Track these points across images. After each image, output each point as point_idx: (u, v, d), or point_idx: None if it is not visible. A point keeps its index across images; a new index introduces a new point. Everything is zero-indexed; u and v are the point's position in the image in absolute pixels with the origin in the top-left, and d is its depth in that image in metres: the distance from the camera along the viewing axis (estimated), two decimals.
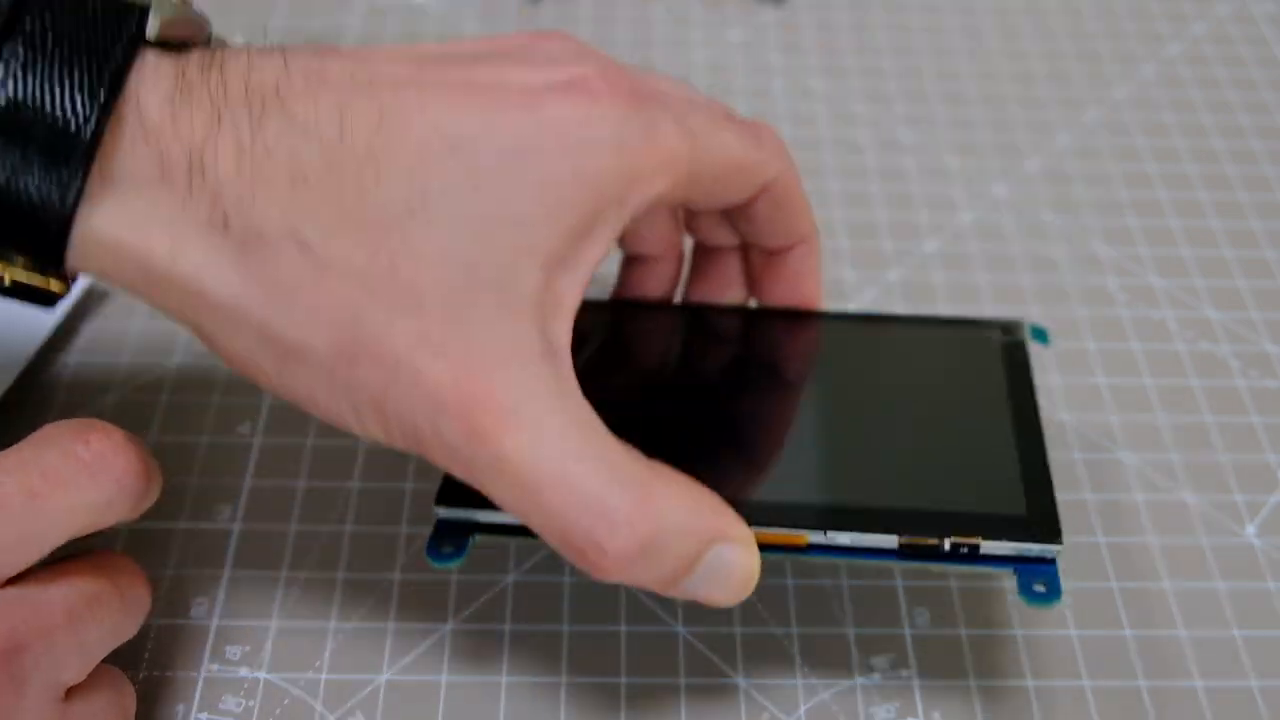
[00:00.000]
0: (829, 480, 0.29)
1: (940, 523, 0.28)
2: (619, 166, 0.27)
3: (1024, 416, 0.31)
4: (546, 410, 0.26)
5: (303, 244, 0.25)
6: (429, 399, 0.25)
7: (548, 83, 0.27)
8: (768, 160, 0.31)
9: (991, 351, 0.34)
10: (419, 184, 0.25)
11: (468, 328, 0.25)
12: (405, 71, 0.27)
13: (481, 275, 0.25)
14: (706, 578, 0.27)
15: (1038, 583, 0.28)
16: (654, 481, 0.26)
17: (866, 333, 0.35)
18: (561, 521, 0.25)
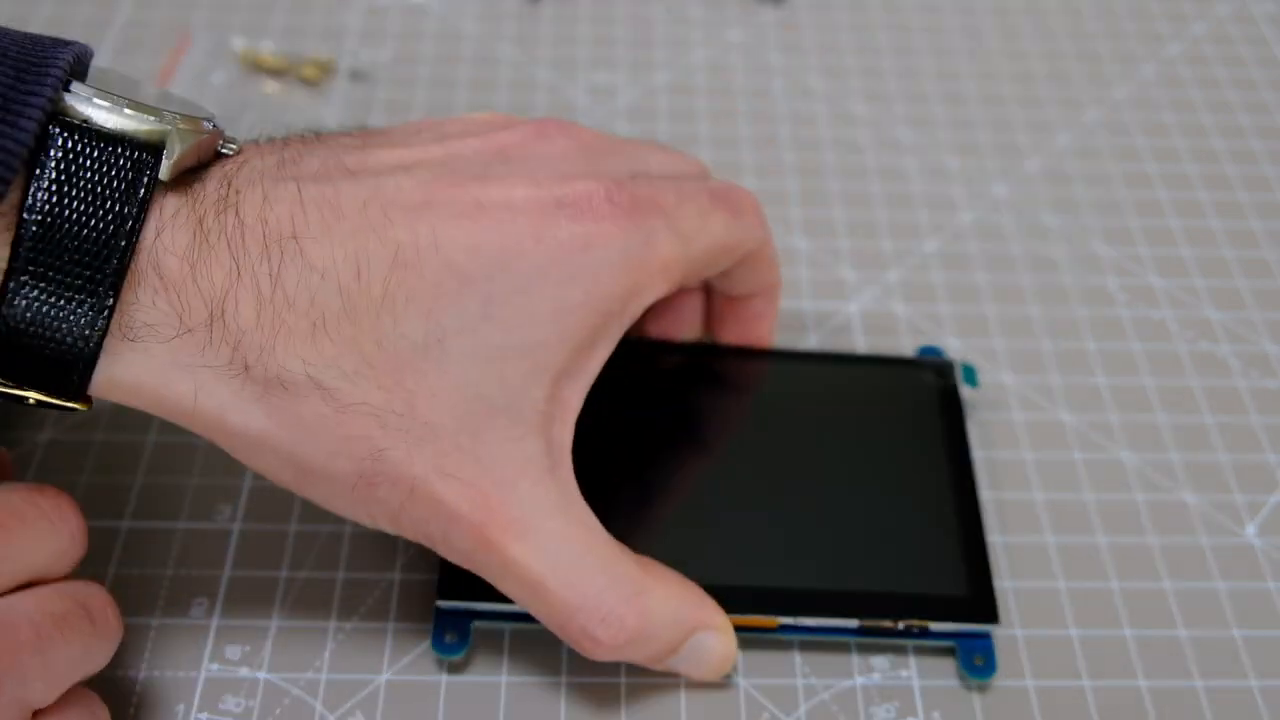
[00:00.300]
0: (793, 562, 0.32)
1: (894, 605, 0.31)
2: (624, 285, 0.29)
3: (961, 479, 0.34)
4: (550, 519, 0.28)
5: (323, 387, 0.26)
6: (442, 515, 0.27)
7: (556, 201, 0.28)
8: (749, 235, 0.32)
9: (928, 399, 0.36)
10: (433, 322, 0.27)
11: (479, 450, 0.27)
12: (417, 194, 0.27)
13: (493, 402, 0.27)
14: (688, 659, 0.30)
15: (977, 657, 0.31)
16: (644, 579, 0.29)
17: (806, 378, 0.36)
18: (562, 617, 0.28)
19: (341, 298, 0.26)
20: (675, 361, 0.36)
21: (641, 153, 0.32)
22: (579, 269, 0.28)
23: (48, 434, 0.36)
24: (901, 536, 0.33)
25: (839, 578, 0.32)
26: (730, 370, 0.36)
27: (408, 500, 0.27)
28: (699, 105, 0.48)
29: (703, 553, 0.32)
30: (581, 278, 0.28)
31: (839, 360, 0.37)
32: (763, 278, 0.35)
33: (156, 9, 0.50)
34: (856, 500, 0.33)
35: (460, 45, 0.50)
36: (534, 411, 0.28)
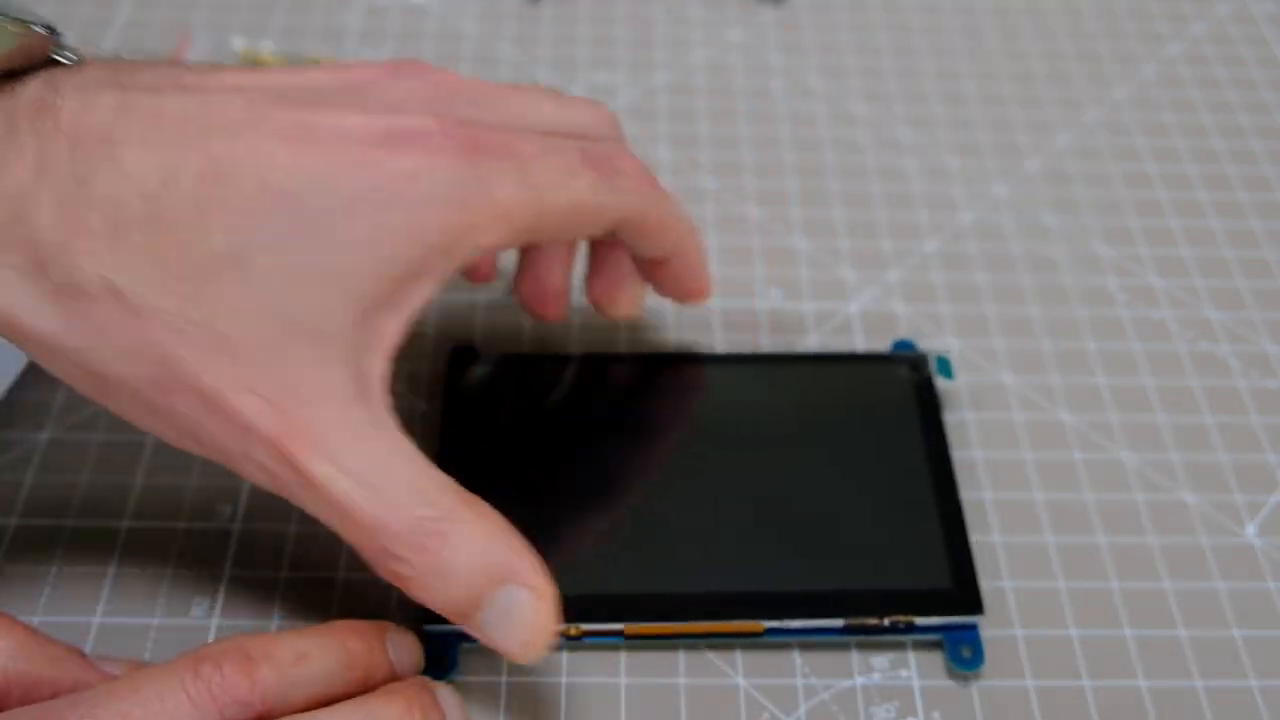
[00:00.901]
0: (776, 565, 0.32)
1: (878, 602, 0.31)
2: (450, 222, 0.28)
3: (940, 472, 0.34)
4: (355, 441, 0.27)
5: (118, 292, 0.25)
6: (240, 430, 0.26)
7: (387, 132, 0.27)
8: (623, 201, 0.31)
9: (905, 393, 0.36)
10: (241, 237, 0.26)
11: (281, 370, 0.26)
12: (243, 114, 0.27)
13: (297, 322, 0.26)
14: (497, 617, 0.27)
15: (964, 648, 0.32)
16: (458, 513, 0.27)
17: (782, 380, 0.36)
18: (364, 538, 0.27)
19: (146, 204, 0.25)
20: (649, 371, 0.37)
21: (520, 101, 0.31)
22: (400, 197, 0.27)
23: (47, 434, 0.36)
24: (883, 532, 0.33)
25: (822, 578, 0.32)
26: (706, 377, 0.37)
27: (205, 414, 0.26)
28: (699, 105, 0.48)
29: (684, 560, 0.32)
30: (402, 206, 0.27)
31: (813, 360, 0.37)
32: (660, 243, 0.33)
33: (156, 9, 0.50)
34: (836, 499, 0.33)
35: (460, 45, 0.50)
36: (342, 338, 0.27)
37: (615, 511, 0.33)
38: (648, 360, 0.37)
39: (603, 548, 0.32)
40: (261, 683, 0.26)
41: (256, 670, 0.26)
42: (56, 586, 0.32)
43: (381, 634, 0.29)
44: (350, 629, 0.28)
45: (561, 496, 0.33)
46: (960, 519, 0.33)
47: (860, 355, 0.37)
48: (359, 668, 0.28)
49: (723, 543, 0.32)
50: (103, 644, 0.31)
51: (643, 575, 0.32)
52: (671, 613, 0.31)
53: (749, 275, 0.41)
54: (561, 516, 0.33)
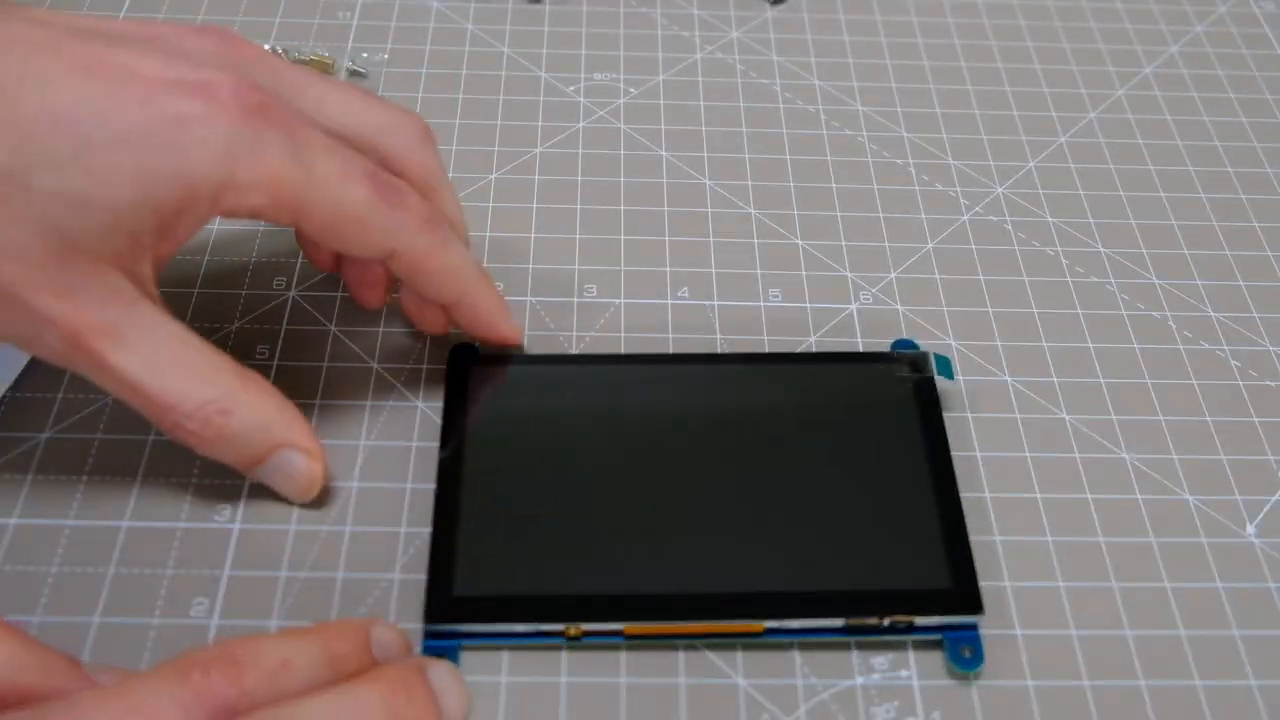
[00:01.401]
0: (776, 565, 0.32)
1: (878, 602, 0.32)
2: (217, 172, 0.29)
3: (940, 471, 0.34)
4: (143, 331, 0.30)
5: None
6: (35, 320, 0.29)
7: (178, 79, 0.29)
8: (394, 230, 0.32)
9: (904, 392, 0.36)
10: (21, 153, 0.28)
11: (69, 276, 0.29)
12: (45, 38, 0.28)
13: (74, 241, 0.28)
14: (274, 472, 0.33)
15: (964, 648, 0.32)
16: (236, 389, 0.31)
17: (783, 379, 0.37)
18: (156, 414, 0.30)
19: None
20: (649, 372, 0.37)
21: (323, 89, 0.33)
22: (173, 140, 0.29)
23: (47, 433, 0.36)
24: (883, 532, 0.33)
25: (822, 578, 0.32)
26: (706, 377, 0.37)
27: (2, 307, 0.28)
28: (699, 105, 0.48)
29: (685, 560, 0.32)
30: (174, 150, 0.29)
31: (813, 360, 0.37)
32: (439, 289, 0.34)
33: (157, 9, 0.50)
34: (837, 499, 0.33)
35: (460, 45, 0.50)
36: (116, 256, 0.29)
37: (615, 511, 0.33)
38: (647, 360, 0.37)
39: (602, 548, 0.32)
40: (249, 689, 0.26)
41: (244, 676, 0.26)
42: (56, 586, 0.32)
43: (366, 632, 0.29)
44: (335, 631, 0.28)
45: (561, 496, 0.33)
46: (960, 519, 0.33)
47: (860, 355, 0.37)
48: (345, 669, 0.28)
49: (723, 543, 0.32)
50: (103, 644, 0.31)
51: (643, 575, 0.32)
52: (671, 613, 0.31)
53: (749, 275, 0.41)
54: (561, 516, 0.33)
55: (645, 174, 0.45)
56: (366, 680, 0.27)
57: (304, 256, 0.39)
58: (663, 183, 0.44)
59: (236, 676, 0.26)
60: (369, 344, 0.38)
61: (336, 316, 0.39)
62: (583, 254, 0.41)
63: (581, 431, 0.35)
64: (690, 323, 0.40)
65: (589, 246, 0.42)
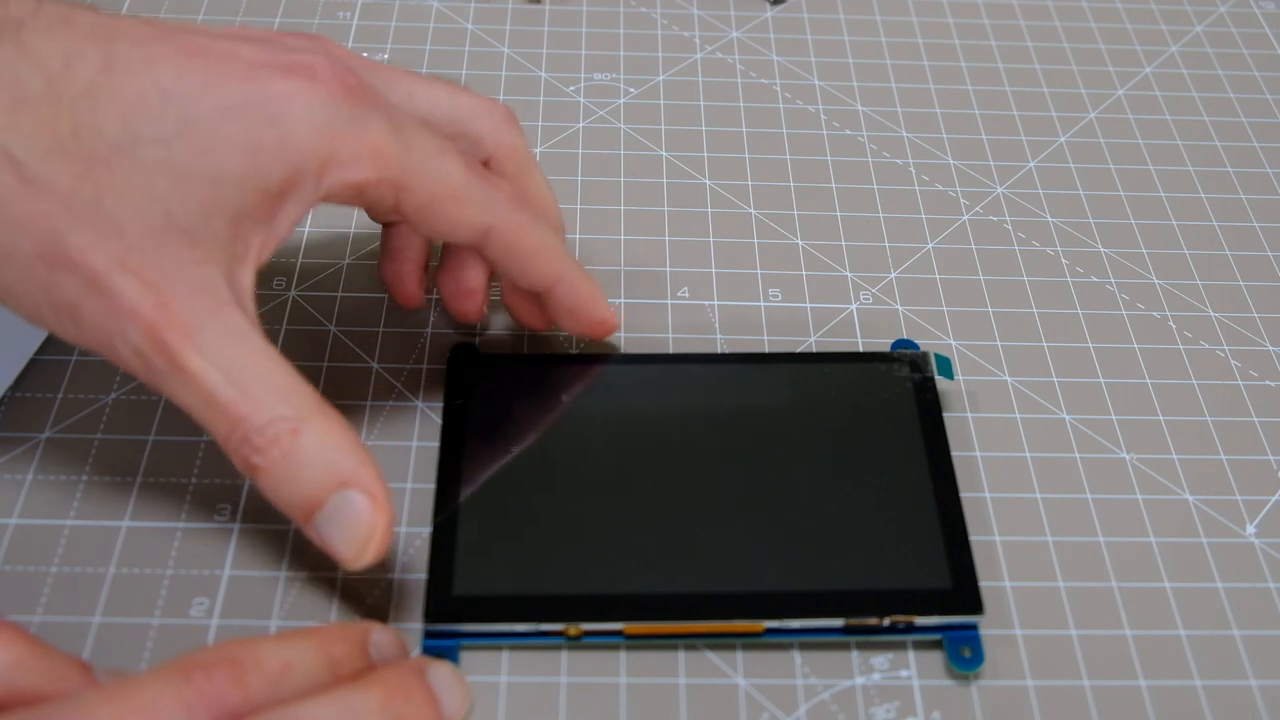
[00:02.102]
0: (776, 565, 0.32)
1: (878, 602, 0.32)
2: (320, 146, 0.29)
3: (941, 471, 0.34)
4: (226, 339, 0.28)
5: (13, 160, 0.27)
6: (121, 312, 0.27)
7: (277, 60, 0.29)
8: (489, 204, 0.32)
9: (904, 392, 0.36)
10: (130, 126, 0.27)
11: (162, 261, 0.28)
12: (147, 31, 0.29)
13: (177, 219, 0.28)
14: (333, 518, 0.29)
15: (963, 648, 0.32)
16: (313, 416, 0.29)
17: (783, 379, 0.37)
18: (226, 429, 0.28)
19: (46, 82, 0.27)
20: (649, 372, 0.37)
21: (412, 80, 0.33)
22: (279, 114, 0.29)
23: (47, 433, 0.36)
24: (883, 532, 0.33)
25: (822, 578, 0.32)
26: (706, 377, 0.37)
27: (87, 291, 0.27)
28: (699, 105, 0.48)
29: (685, 560, 0.32)
30: (279, 122, 0.29)
31: (813, 360, 0.37)
32: (535, 271, 0.34)
33: (156, 9, 0.50)
34: (837, 499, 0.33)
35: (460, 45, 0.50)
36: (214, 242, 0.28)
37: (615, 511, 0.33)
38: (647, 360, 0.37)
39: (603, 547, 0.32)
40: (252, 692, 0.26)
41: (247, 679, 0.26)
42: (56, 586, 0.32)
43: (364, 636, 0.29)
44: (334, 635, 0.28)
45: (561, 496, 0.33)
46: (960, 519, 0.33)
47: (860, 355, 0.37)
48: (344, 671, 0.28)
49: (723, 542, 0.32)
50: (103, 644, 0.31)
51: (643, 575, 0.32)
52: (671, 613, 0.31)
53: (749, 275, 0.41)
54: (561, 516, 0.33)
55: (645, 174, 0.45)
56: (366, 683, 0.27)
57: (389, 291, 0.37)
58: (663, 183, 0.44)
59: (240, 679, 0.26)
60: (369, 344, 0.38)
61: (336, 316, 0.39)
62: (582, 254, 0.41)
63: (581, 431, 0.35)
64: (690, 323, 0.40)
65: (589, 246, 0.42)
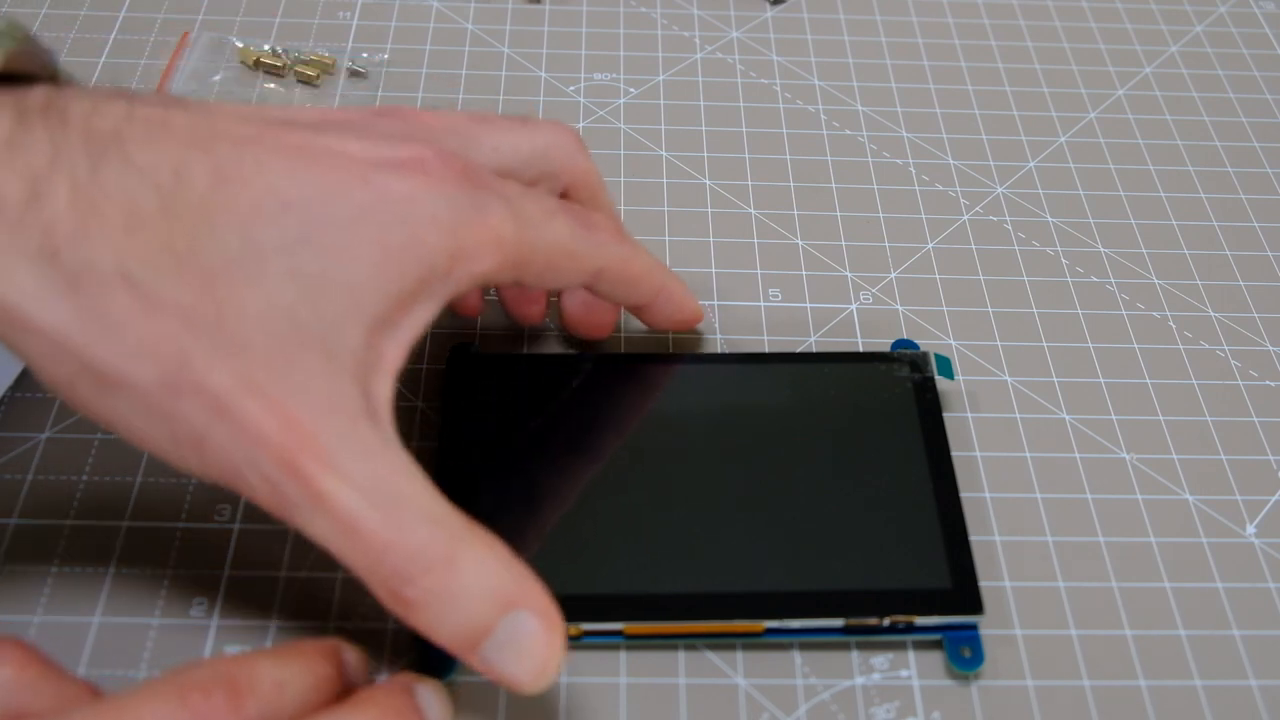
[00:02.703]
0: (776, 565, 0.32)
1: (878, 602, 0.32)
2: (448, 242, 0.28)
3: (941, 471, 0.34)
4: (364, 457, 0.26)
5: (133, 282, 0.25)
6: (250, 437, 0.26)
7: (386, 157, 0.28)
8: (599, 250, 0.32)
9: (904, 392, 0.36)
10: (251, 237, 0.26)
11: (291, 376, 0.26)
12: (247, 130, 0.28)
13: (307, 330, 0.26)
14: (504, 645, 0.27)
15: (963, 648, 0.32)
16: (466, 536, 0.27)
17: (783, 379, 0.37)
18: (371, 560, 0.26)
19: (159, 197, 0.26)
20: (649, 371, 0.37)
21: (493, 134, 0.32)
22: (404, 216, 0.28)
23: (47, 433, 0.36)
24: (883, 532, 0.33)
25: (822, 578, 0.32)
26: (706, 377, 0.37)
27: (212, 417, 0.25)
28: (699, 105, 0.48)
29: (685, 560, 0.32)
30: (405, 224, 0.28)
31: (813, 360, 0.37)
32: (641, 291, 0.35)
33: (156, 9, 0.50)
34: (837, 499, 0.33)
35: (460, 45, 0.50)
36: (349, 354, 0.27)
37: (615, 511, 0.33)
38: (647, 360, 0.37)
39: (603, 547, 0.32)
40: (248, 715, 0.26)
41: (243, 701, 0.25)
42: (56, 586, 0.32)
43: (339, 654, 0.28)
44: (318, 652, 0.28)
45: (562, 496, 0.33)
46: (960, 519, 0.33)
47: (860, 355, 0.37)
48: (329, 690, 0.28)
49: (723, 542, 0.32)
50: (103, 644, 0.31)
51: (643, 575, 0.32)
52: (671, 613, 0.31)
53: (749, 275, 0.41)
54: (561, 516, 0.33)
55: (645, 174, 0.45)
56: (360, 705, 0.27)
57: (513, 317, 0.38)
58: (663, 183, 0.44)
59: (236, 702, 0.25)
60: None
61: None
62: None
63: (581, 432, 0.35)
64: None
65: None
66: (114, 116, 0.26)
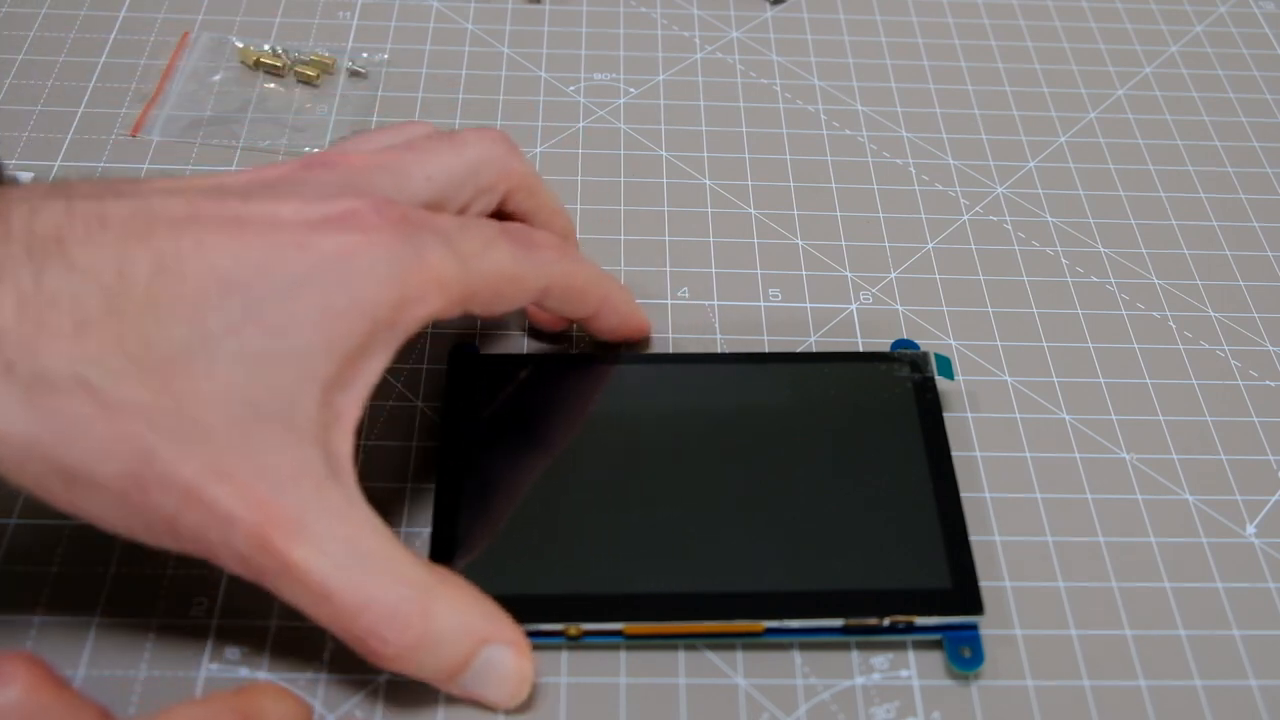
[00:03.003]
0: (776, 565, 0.32)
1: (878, 602, 0.32)
2: (391, 294, 0.28)
3: (941, 471, 0.34)
4: (332, 522, 0.27)
5: (89, 387, 0.26)
6: (220, 519, 0.27)
7: (322, 216, 0.28)
8: (542, 269, 0.33)
9: (904, 392, 0.36)
10: (198, 325, 0.27)
11: (254, 455, 0.27)
12: (182, 209, 0.28)
13: (264, 407, 0.27)
14: (481, 675, 0.29)
15: (963, 648, 0.32)
16: (434, 585, 0.28)
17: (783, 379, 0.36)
18: (346, 621, 0.28)
19: (105, 297, 0.26)
20: (649, 371, 0.37)
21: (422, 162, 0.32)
22: (344, 275, 0.28)
23: None
24: (883, 532, 0.33)
25: (822, 578, 0.32)
26: (707, 376, 0.37)
27: (183, 505, 0.26)
28: (699, 105, 0.48)
29: (684, 560, 0.32)
30: (347, 284, 0.28)
31: (813, 360, 0.37)
32: (585, 304, 0.35)
33: (156, 9, 0.50)
34: (837, 499, 0.33)
35: (460, 45, 0.50)
36: (306, 420, 0.28)
37: (615, 511, 0.33)
38: (647, 360, 0.37)
39: (603, 547, 0.32)
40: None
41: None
42: (56, 587, 0.32)
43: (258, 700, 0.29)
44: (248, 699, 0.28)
45: (562, 496, 0.33)
46: (960, 519, 0.33)
47: (860, 355, 0.37)
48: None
49: (723, 542, 0.32)
50: (103, 644, 0.31)
51: (643, 575, 0.32)
52: (671, 613, 0.31)
53: (749, 275, 0.41)
54: (561, 516, 0.33)
55: (645, 174, 0.45)
56: None
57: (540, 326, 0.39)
58: (663, 183, 0.44)
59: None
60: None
61: None
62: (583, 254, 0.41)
63: (581, 432, 0.35)
64: (690, 323, 0.40)
65: (589, 246, 0.42)
66: (54, 217, 0.27)
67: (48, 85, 0.46)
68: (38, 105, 0.45)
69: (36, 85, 0.46)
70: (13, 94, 0.46)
